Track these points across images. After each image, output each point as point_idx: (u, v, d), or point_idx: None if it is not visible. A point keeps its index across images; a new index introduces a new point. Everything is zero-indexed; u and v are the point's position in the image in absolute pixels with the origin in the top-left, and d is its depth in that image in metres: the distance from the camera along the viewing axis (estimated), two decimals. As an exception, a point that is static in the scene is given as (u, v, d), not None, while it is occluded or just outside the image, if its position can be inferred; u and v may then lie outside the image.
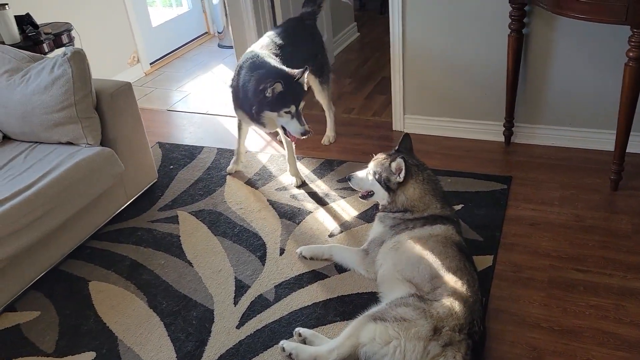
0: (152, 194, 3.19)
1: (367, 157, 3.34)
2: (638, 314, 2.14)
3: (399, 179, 2.32)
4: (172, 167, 3.47)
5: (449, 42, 3.25)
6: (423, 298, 2.02)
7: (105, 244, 2.82)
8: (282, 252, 2.65)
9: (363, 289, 2.38)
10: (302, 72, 2.75)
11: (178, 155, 3.60)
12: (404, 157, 2.30)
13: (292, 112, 2.74)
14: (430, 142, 3.45)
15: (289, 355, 2.07)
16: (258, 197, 3.09)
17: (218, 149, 3.62)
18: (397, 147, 2.50)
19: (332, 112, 3.60)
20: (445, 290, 2.04)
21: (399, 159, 2.29)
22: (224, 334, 2.23)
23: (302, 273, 2.50)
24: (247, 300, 2.38)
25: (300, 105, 2.78)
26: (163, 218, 2.98)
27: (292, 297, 2.38)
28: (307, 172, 3.27)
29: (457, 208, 2.78)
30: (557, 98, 3.16)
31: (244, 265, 2.58)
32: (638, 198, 2.78)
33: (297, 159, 3.24)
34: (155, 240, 2.81)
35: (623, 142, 2.72)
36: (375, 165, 2.41)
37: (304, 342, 2.12)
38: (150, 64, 5.24)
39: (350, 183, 2.53)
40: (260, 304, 2.36)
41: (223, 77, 4.96)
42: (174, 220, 2.95)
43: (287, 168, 3.31)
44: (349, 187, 3.06)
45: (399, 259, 2.24)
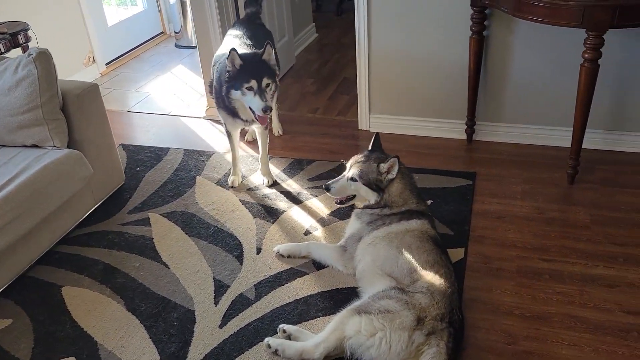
0: (120, 197, 3.14)
1: (335, 155, 3.44)
2: (600, 298, 2.29)
3: (391, 176, 2.38)
4: (138, 169, 3.42)
5: (414, 43, 3.35)
6: (404, 290, 2.09)
7: (75, 249, 2.76)
8: (259, 251, 2.67)
9: (342, 285, 2.43)
10: (264, 48, 2.74)
11: (144, 157, 3.55)
12: (397, 156, 2.36)
13: (254, 88, 2.68)
14: (396, 140, 3.54)
15: (275, 352, 2.10)
16: (230, 197, 3.09)
17: (185, 150, 3.59)
18: (370, 146, 2.54)
19: (276, 105, 3.64)
20: (425, 283, 2.12)
21: (393, 159, 2.35)
22: (207, 334, 2.23)
23: (280, 271, 2.53)
24: (227, 300, 2.39)
25: (265, 82, 2.71)
26: (134, 221, 2.94)
27: (272, 294, 2.40)
28: (277, 171, 3.30)
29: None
30: (516, 97, 3.32)
31: (222, 265, 2.59)
32: (594, 191, 2.96)
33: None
34: (128, 243, 2.77)
35: (579, 138, 2.89)
36: (359, 170, 2.40)
37: (289, 338, 2.15)
38: (106, 65, 5.12)
39: (330, 194, 2.48)
40: (242, 303, 2.37)
41: (183, 77, 4.91)
42: (146, 223, 2.92)
43: (256, 168, 3.33)
44: (322, 185, 3.12)
45: (378, 254, 2.31)
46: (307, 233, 2.79)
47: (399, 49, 3.40)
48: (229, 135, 3.13)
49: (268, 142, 3.18)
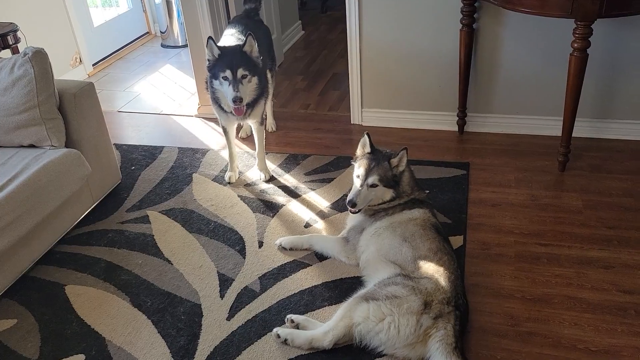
0: (117, 196, 3.13)
1: (329, 150, 3.48)
2: (597, 279, 2.36)
3: (402, 168, 2.42)
4: (133, 167, 3.42)
5: (405, 37, 3.40)
6: (410, 277, 2.14)
7: (76, 248, 2.76)
8: (260, 244, 2.69)
9: (346, 275, 2.46)
10: (245, 40, 2.76)
11: (138, 156, 3.55)
12: (406, 148, 2.40)
13: (229, 78, 2.72)
14: (389, 133, 3.59)
15: (285, 341, 2.12)
16: (227, 193, 3.11)
17: (179, 148, 3.60)
18: (369, 148, 2.49)
19: (272, 102, 3.67)
20: (429, 269, 2.17)
21: (402, 151, 2.39)
22: (216, 327, 2.25)
23: (284, 263, 2.56)
24: (233, 293, 2.41)
25: (240, 73, 2.73)
26: (133, 219, 2.94)
27: (277, 286, 2.43)
28: (273, 167, 3.32)
29: (423, 194, 2.93)
30: (506, 88, 3.39)
31: (225, 260, 2.61)
32: (584, 177, 3.04)
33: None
34: (129, 241, 2.78)
35: (569, 126, 2.96)
36: (377, 174, 2.39)
37: (297, 327, 2.18)
38: (93, 65, 5.10)
39: (357, 208, 2.41)
40: (247, 296, 2.39)
41: (172, 77, 4.90)
42: (145, 220, 2.92)
43: (252, 164, 3.35)
44: (318, 179, 3.17)
45: (382, 244, 2.35)
46: (307, 226, 2.82)
47: (390, 43, 3.45)
48: (225, 131, 3.14)
49: (264, 137, 3.20)
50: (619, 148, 3.28)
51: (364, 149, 2.49)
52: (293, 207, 2.96)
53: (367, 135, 2.51)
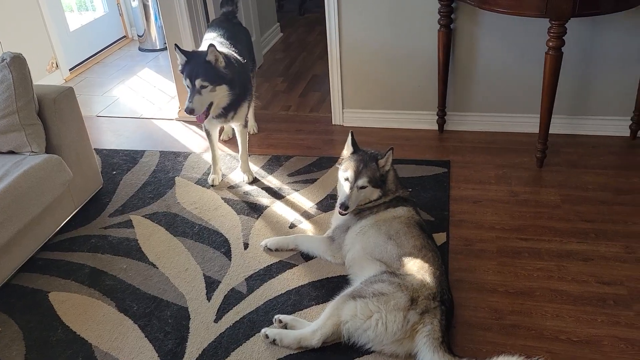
0: (99, 201, 3.11)
1: (312, 150, 3.50)
2: (577, 272, 2.42)
3: (387, 167, 2.45)
4: (114, 172, 3.40)
5: (384, 37, 3.44)
6: (395, 274, 2.17)
7: (59, 254, 2.73)
8: (246, 246, 2.70)
9: (332, 274, 2.48)
10: (207, 50, 2.74)
11: (119, 161, 3.52)
12: (392, 148, 2.43)
13: (189, 86, 2.74)
14: (371, 133, 3.63)
15: (273, 342, 2.13)
16: (211, 196, 3.11)
17: (161, 152, 3.58)
18: (352, 147, 2.53)
19: (254, 104, 3.67)
20: (415, 265, 2.20)
21: (389, 152, 2.42)
22: (203, 329, 2.25)
23: (270, 264, 2.57)
24: (220, 295, 2.41)
25: (199, 84, 2.71)
26: (116, 223, 2.92)
27: (264, 287, 2.44)
28: (256, 168, 3.33)
29: (405, 192, 2.96)
30: (484, 87, 3.45)
31: (211, 262, 2.61)
32: (561, 173, 3.11)
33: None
34: (112, 246, 2.76)
35: (546, 123, 3.03)
36: (367, 176, 2.41)
37: (285, 327, 2.19)
38: (70, 70, 5.04)
39: (349, 210, 2.42)
40: (234, 297, 2.40)
41: (151, 80, 4.87)
42: (128, 225, 2.90)
43: (235, 166, 3.35)
44: (302, 180, 3.19)
45: (367, 242, 2.38)
46: (292, 226, 2.83)
47: (370, 44, 3.49)
48: (208, 134, 3.14)
49: (247, 139, 3.21)
50: (594, 144, 3.37)
51: (349, 150, 2.52)
52: (277, 208, 2.97)
53: (350, 135, 2.53)
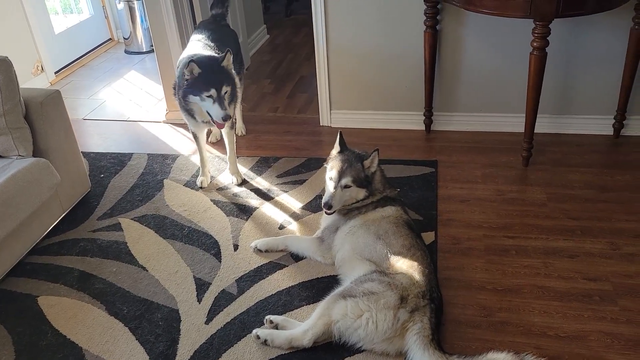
0: (87, 204, 3.10)
1: (300, 152, 3.52)
2: (563, 269, 2.45)
3: (373, 169, 2.47)
4: (102, 175, 3.38)
5: (371, 39, 3.47)
6: (385, 273, 2.19)
7: (47, 258, 2.71)
8: (236, 247, 2.70)
9: (322, 274, 2.50)
10: (223, 55, 2.77)
11: (107, 164, 3.51)
12: (377, 149, 2.44)
13: (213, 96, 2.72)
14: (358, 134, 3.65)
15: (264, 342, 2.14)
16: (200, 198, 3.11)
17: (149, 155, 3.57)
18: (339, 147, 2.55)
19: (241, 106, 3.69)
20: (404, 264, 2.22)
21: (374, 153, 2.43)
22: (194, 331, 2.25)
23: (260, 265, 2.58)
24: (210, 297, 2.42)
25: (224, 90, 2.74)
26: (105, 227, 2.91)
27: (255, 288, 2.45)
28: (244, 170, 3.33)
29: (394, 192, 2.99)
30: (470, 87, 3.49)
31: (201, 264, 2.61)
32: (547, 171, 3.15)
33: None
34: (101, 249, 2.75)
35: (531, 122, 3.07)
36: (351, 175, 2.42)
37: (276, 328, 2.20)
38: (55, 73, 5.01)
39: (333, 209, 2.44)
40: (225, 299, 2.40)
41: (138, 83, 4.85)
42: (117, 228, 2.90)
43: (223, 168, 3.35)
44: (290, 181, 3.20)
45: (357, 242, 2.39)
46: (281, 227, 2.84)
47: (357, 45, 3.51)
48: (195, 137, 3.14)
49: (235, 141, 3.21)
50: (579, 142, 3.42)
51: (336, 149, 2.54)
52: (266, 209, 2.98)
53: (339, 134, 2.55)
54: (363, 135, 3.65)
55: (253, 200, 3.06)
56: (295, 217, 2.91)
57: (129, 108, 4.36)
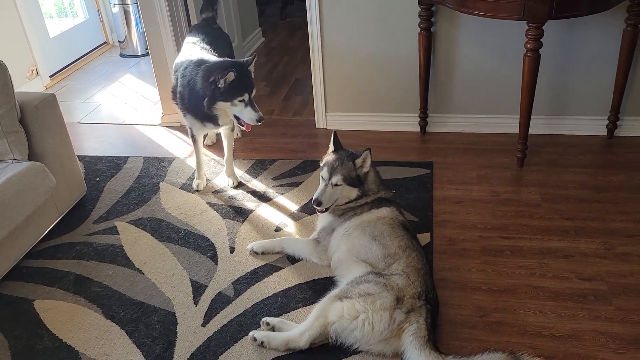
0: (83, 208, 3.10)
1: (296, 154, 3.52)
2: (558, 269, 2.47)
3: (366, 169, 2.48)
4: (98, 179, 3.38)
5: (365, 41, 3.48)
6: (381, 274, 2.20)
7: (43, 262, 2.71)
8: (232, 250, 2.71)
9: (318, 276, 2.50)
10: (252, 59, 2.79)
11: (102, 167, 3.51)
12: (369, 148, 2.45)
13: (245, 100, 2.75)
14: (354, 136, 3.66)
15: (261, 344, 2.15)
16: (196, 201, 3.11)
17: (144, 158, 3.57)
18: (332, 146, 2.59)
19: None
20: (400, 265, 2.23)
21: (366, 152, 2.44)
22: (191, 334, 2.25)
23: (256, 267, 2.58)
24: (207, 299, 2.42)
25: (253, 93, 2.79)
26: (101, 230, 2.91)
27: (251, 290, 2.45)
28: (240, 172, 3.34)
29: (389, 194, 2.99)
30: (464, 89, 3.51)
31: (197, 267, 2.61)
32: (541, 172, 3.17)
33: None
34: (97, 253, 2.75)
35: (526, 123, 3.09)
36: (341, 173, 2.44)
37: (273, 330, 2.21)
38: (50, 77, 5.00)
39: (323, 206, 2.47)
40: (222, 301, 2.41)
41: (133, 86, 4.86)
42: (113, 231, 2.90)
43: (218, 171, 3.36)
44: (286, 183, 3.20)
45: (353, 243, 2.40)
46: (277, 229, 2.85)
47: (352, 48, 3.52)
48: (195, 140, 3.14)
49: (233, 144, 3.22)
50: (573, 143, 3.44)
51: (331, 149, 2.55)
52: (262, 211, 2.98)
53: (333, 134, 2.56)
54: (359, 137, 3.66)
55: (249, 203, 3.06)
56: (292, 219, 2.92)
57: (125, 111, 4.36)
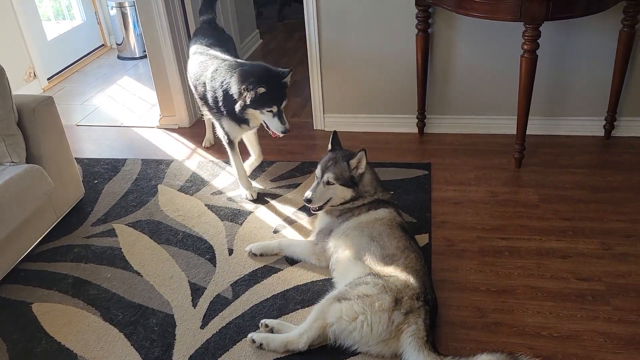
0: (81, 210, 3.09)
1: (294, 156, 3.52)
2: (556, 269, 2.47)
3: (361, 170, 2.48)
4: (96, 181, 3.38)
5: (363, 43, 3.49)
6: (379, 275, 2.20)
7: (41, 265, 2.71)
8: (231, 252, 2.71)
9: (317, 277, 2.50)
10: (289, 72, 2.80)
11: (100, 170, 3.51)
12: (364, 149, 2.45)
13: (274, 111, 2.78)
14: (352, 138, 3.65)
15: (260, 346, 2.15)
16: (194, 203, 3.11)
17: (142, 160, 3.57)
18: (330, 145, 2.62)
19: None
20: (398, 267, 2.23)
21: (361, 152, 2.44)
22: (190, 336, 2.25)
23: (255, 269, 2.58)
24: (205, 301, 2.42)
25: (283, 104, 2.81)
26: (99, 232, 2.91)
27: (250, 292, 2.45)
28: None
29: (388, 195, 3.00)
30: (462, 90, 3.52)
31: (196, 269, 2.61)
32: (539, 172, 3.18)
33: (227, 164, 3.30)
34: (96, 255, 2.75)
35: (523, 124, 3.09)
36: (333, 172, 2.46)
37: (272, 331, 2.21)
38: (48, 80, 5.00)
39: (313, 204, 2.51)
40: (220, 303, 2.40)
41: (131, 89, 4.86)
42: (111, 234, 2.89)
43: (217, 172, 3.37)
44: (285, 184, 3.21)
45: (351, 244, 2.40)
46: (276, 231, 2.85)
47: (350, 49, 3.53)
48: (232, 146, 3.08)
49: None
50: (570, 144, 3.45)
51: (328, 148, 2.56)
52: (261, 213, 2.98)
53: (333, 133, 2.58)
54: (357, 139, 3.66)
55: (247, 205, 3.06)
56: (290, 220, 2.92)
57: (123, 114, 4.36)
